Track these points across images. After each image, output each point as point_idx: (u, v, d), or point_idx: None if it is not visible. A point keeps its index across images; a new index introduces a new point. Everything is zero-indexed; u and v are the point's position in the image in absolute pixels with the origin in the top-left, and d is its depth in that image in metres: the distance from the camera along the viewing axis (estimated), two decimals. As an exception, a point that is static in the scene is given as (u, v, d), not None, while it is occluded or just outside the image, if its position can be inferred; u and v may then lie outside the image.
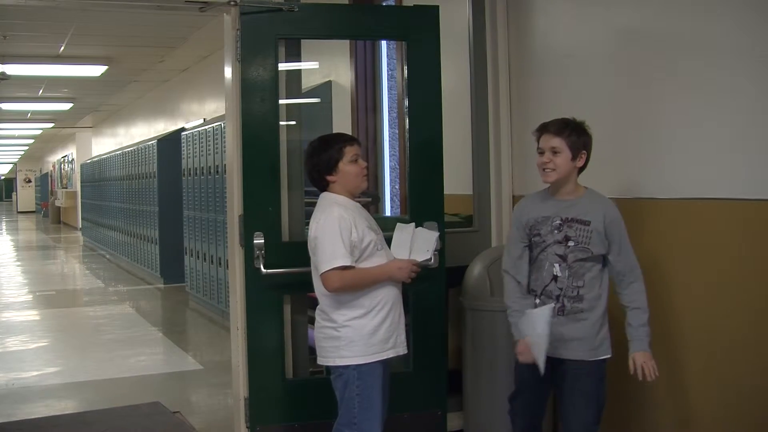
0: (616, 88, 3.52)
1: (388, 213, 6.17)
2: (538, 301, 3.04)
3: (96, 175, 16.72)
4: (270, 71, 3.71)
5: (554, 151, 2.96)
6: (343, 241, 2.99)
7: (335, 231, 3.00)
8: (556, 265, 2.99)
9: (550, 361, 2.94)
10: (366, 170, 3.18)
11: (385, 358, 3.10)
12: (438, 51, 3.87)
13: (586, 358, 2.98)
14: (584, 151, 2.99)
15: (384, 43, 6.11)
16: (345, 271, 3.00)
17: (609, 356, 3.02)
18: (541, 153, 3.01)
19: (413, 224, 3.34)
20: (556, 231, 2.99)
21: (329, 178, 3.13)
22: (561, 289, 2.99)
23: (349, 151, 3.13)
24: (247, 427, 3.75)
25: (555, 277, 3.00)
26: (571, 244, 2.97)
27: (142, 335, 7.65)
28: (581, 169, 3.03)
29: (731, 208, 2.96)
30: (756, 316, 2.89)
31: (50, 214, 28.46)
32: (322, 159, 3.12)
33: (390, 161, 6.18)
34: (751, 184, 2.88)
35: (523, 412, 3.21)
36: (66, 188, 25.11)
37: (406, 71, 3.94)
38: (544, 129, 3.02)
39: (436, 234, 3.34)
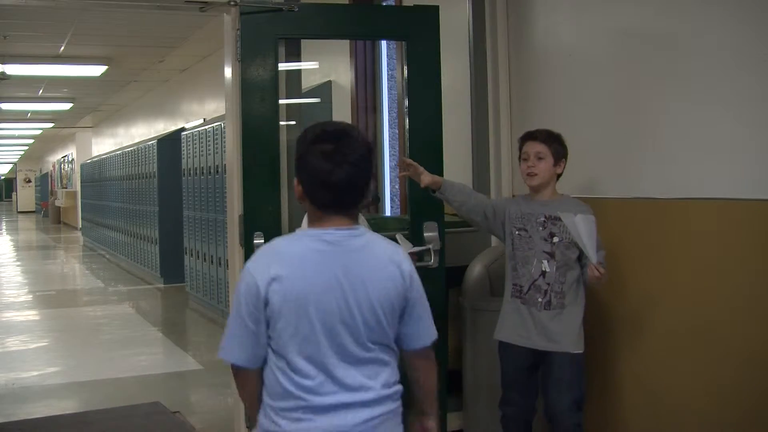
0: (616, 87, 3.51)
1: (388, 213, 6.17)
2: (520, 300, 3.20)
3: (96, 175, 16.73)
4: (270, 71, 3.71)
5: (539, 157, 3.19)
6: None
7: None
8: (545, 261, 3.17)
9: (537, 353, 3.19)
10: None
11: None
12: (438, 51, 3.87)
13: (570, 350, 3.16)
14: (564, 159, 3.24)
15: (384, 43, 6.11)
16: None
17: (582, 352, 3.19)
18: (525, 159, 3.21)
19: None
20: (541, 228, 3.19)
21: None
22: (549, 284, 3.18)
23: None
24: (247, 427, 3.75)
25: (543, 273, 3.17)
26: (555, 240, 3.15)
27: (142, 335, 7.65)
28: (559, 176, 3.26)
29: (731, 208, 2.96)
30: (756, 315, 2.89)
31: (50, 214, 28.44)
32: None
33: (390, 161, 6.18)
34: (751, 184, 2.88)
35: (515, 416, 3.34)
36: (66, 188, 25.11)
37: (406, 71, 3.94)
38: (530, 136, 3.26)
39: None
